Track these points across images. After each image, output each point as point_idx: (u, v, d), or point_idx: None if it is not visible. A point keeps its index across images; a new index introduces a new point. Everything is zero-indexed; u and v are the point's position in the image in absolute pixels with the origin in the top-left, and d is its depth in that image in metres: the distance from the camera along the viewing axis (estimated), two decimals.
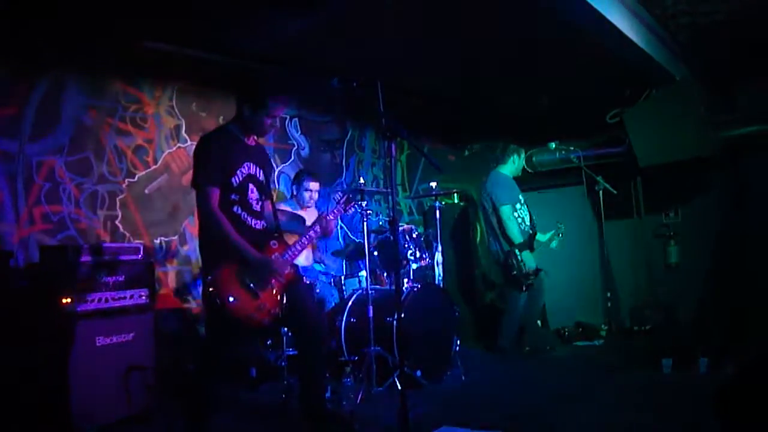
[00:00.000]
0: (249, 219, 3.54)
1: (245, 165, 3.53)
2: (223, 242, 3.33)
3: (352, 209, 4.28)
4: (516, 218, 6.19)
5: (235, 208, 3.47)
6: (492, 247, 6.35)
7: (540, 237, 6.37)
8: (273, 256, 3.49)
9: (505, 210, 6.13)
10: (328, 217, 3.80)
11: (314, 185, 5.60)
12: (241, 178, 3.49)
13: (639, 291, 7.23)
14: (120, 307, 4.18)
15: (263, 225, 3.63)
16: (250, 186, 3.56)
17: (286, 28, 5.06)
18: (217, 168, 3.40)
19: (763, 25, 5.56)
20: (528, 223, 6.31)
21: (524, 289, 6.09)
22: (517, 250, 6.03)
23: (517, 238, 6.07)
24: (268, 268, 3.40)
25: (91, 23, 4.83)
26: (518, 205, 6.27)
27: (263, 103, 3.52)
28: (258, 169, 3.62)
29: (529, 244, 6.15)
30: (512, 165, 6.45)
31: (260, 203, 3.63)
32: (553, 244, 6.39)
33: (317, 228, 3.79)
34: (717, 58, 6.38)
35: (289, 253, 3.59)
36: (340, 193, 4.28)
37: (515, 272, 6.03)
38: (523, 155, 6.55)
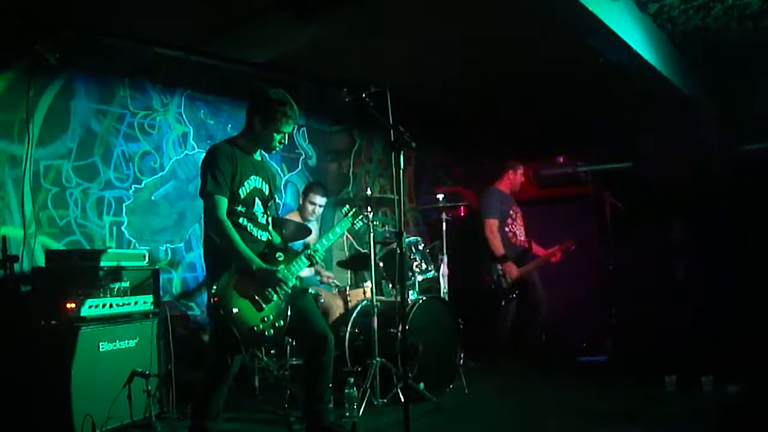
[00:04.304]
0: (255, 230, 3.52)
1: (252, 178, 3.53)
2: (228, 250, 3.32)
3: (360, 222, 4.22)
4: (507, 233, 6.23)
5: (241, 220, 3.45)
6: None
7: None
8: (279, 268, 3.47)
9: (488, 223, 6.15)
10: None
11: (321, 200, 5.60)
12: (248, 190, 3.49)
13: (644, 306, 7.18)
14: (124, 313, 4.18)
15: (269, 237, 3.62)
16: (256, 199, 3.55)
17: (296, 36, 5.07)
18: (227, 178, 3.39)
19: None
20: (522, 238, 6.31)
21: (502, 303, 6.08)
22: (497, 264, 6.05)
23: (498, 250, 6.08)
24: (273, 278, 3.38)
25: (101, 29, 4.86)
26: (509, 220, 6.29)
27: (274, 117, 3.49)
28: (264, 183, 3.61)
29: (518, 259, 6.14)
30: (508, 181, 6.48)
31: (265, 216, 3.62)
32: None
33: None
34: (727, 74, 6.36)
35: (294, 266, 3.57)
36: (348, 206, 4.21)
37: (494, 286, 6.03)
38: (519, 171, 6.55)
